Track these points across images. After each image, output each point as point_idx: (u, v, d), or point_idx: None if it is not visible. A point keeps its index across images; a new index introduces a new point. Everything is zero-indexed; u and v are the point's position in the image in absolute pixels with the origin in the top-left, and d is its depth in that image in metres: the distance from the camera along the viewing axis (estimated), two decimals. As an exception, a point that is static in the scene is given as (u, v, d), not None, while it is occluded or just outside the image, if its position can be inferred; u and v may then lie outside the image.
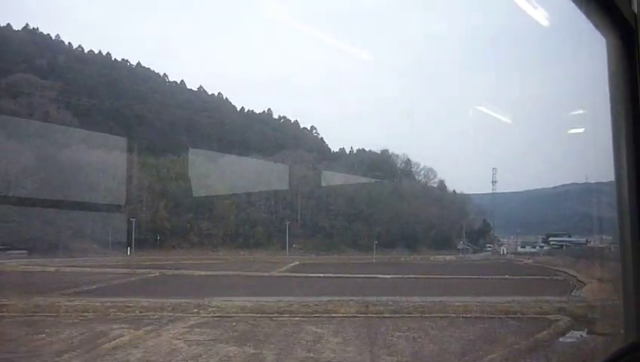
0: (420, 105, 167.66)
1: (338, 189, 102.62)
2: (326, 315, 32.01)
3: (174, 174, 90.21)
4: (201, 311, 32.54)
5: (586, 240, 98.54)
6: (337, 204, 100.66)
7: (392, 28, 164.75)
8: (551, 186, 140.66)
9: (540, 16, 6.47)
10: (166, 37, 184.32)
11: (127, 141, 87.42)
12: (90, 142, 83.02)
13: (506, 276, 65.88)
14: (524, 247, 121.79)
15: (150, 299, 35.27)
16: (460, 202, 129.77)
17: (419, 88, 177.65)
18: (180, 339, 24.67)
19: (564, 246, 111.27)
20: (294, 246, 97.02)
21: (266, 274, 65.44)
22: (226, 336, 25.54)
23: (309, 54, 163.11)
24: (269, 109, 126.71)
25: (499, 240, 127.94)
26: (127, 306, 32.60)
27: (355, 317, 31.86)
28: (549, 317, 32.71)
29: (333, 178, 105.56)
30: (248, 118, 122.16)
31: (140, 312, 31.61)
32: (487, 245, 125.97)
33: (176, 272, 62.92)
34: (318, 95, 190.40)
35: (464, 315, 32.70)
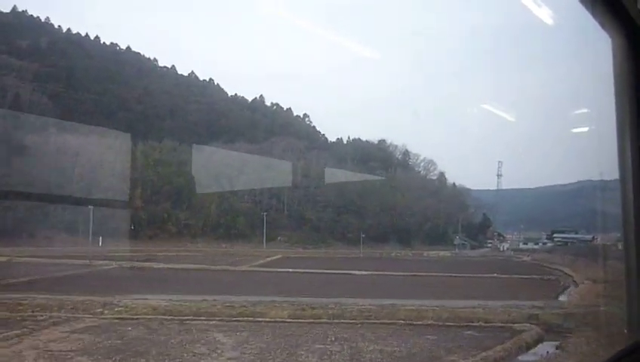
0: (426, 100, 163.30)
1: (328, 179, 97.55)
2: (248, 319, 27.29)
3: (152, 161, 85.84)
4: (105, 311, 28.02)
5: (593, 238, 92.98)
6: (326, 195, 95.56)
7: (395, 22, 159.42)
8: (563, 183, 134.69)
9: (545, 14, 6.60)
10: (161, 23, 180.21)
11: (104, 126, 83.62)
12: (62, 127, 78.92)
13: (495, 274, 60.75)
14: (527, 244, 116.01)
15: (57, 296, 30.79)
16: (459, 195, 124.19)
17: (424, 83, 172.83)
18: (37, 349, 19.98)
19: (569, 244, 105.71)
20: (280, 238, 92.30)
21: (234, 268, 60.99)
22: (98, 346, 20.87)
23: (310, 46, 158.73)
24: (261, 96, 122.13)
25: (501, 236, 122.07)
26: (20, 304, 28.12)
27: (283, 322, 27.05)
28: (515, 326, 27.61)
29: (323, 167, 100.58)
30: (239, 104, 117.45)
31: (32, 311, 27.08)
32: (488, 241, 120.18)
33: (137, 264, 58.71)
34: (318, 86, 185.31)
35: (414, 322, 27.73)
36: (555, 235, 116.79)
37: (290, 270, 58.08)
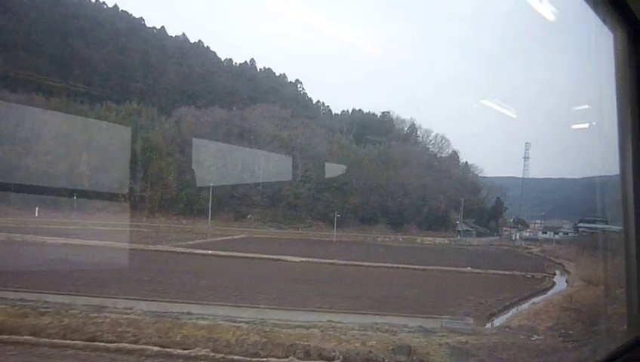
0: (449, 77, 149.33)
1: (311, 150, 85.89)
2: None
3: (106, 125, 76.04)
4: None
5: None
6: (308, 169, 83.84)
7: None
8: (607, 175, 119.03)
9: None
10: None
11: (52, 84, 74.84)
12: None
13: (468, 268, 48.66)
14: (546, 233, 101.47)
15: None
16: (471, 176, 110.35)
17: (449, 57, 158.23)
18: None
19: (594, 234, 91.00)
20: (250, 216, 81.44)
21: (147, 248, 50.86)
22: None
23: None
24: (251, 60, 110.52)
25: (520, 225, 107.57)
26: None
27: None
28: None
29: (310, 138, 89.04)
30: (224, 68, 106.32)
31: None
32: (504, 228, 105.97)
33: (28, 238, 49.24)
34: (324, 55, 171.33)
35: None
36: (580, 224, 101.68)
37: (223, 253, 47.88)
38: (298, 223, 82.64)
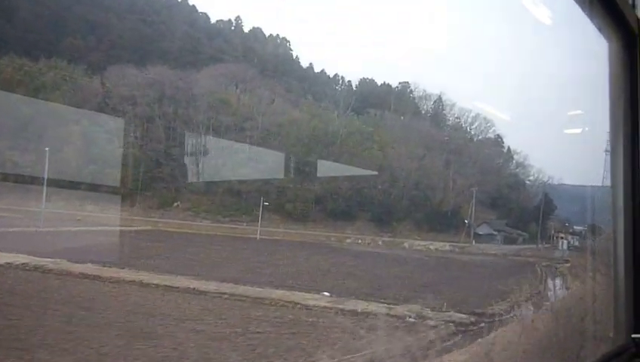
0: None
1: (270, 119, 65.02)
2: None
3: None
4: None
5: None
6: (261, 143, 62.85)
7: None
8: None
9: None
10: None
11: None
12: None
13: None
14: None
15: None
16: (514, 167, 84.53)
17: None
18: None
19: None
20: (177, 204, 61.97)
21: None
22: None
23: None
24: (237, 17, 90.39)
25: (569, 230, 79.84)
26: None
27: None
28: None
29: (274, 104, 68.33)
30: (204, 26, 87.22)
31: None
32: (555, 235, 78.94)
33: None
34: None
35: None
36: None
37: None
38: (243, 215, 61.98)
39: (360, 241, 58.95)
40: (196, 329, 18.28)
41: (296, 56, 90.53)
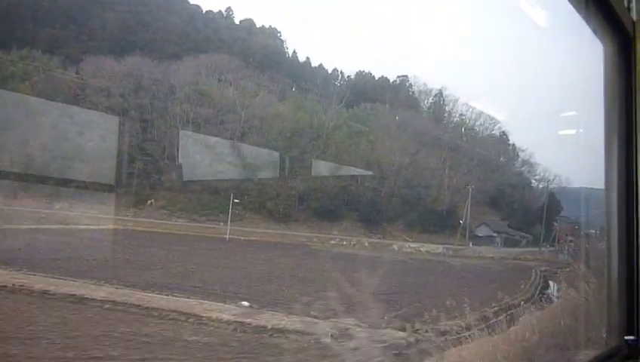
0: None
1: (253, 112, 60.98)
2: None
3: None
4: None
5: None
6: (243, 137, 58.82)
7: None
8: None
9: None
10: None
11: None
12: None
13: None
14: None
15: None
16: (519, 165, 79.48)
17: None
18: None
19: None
20: (150, 202, 58.30)
21: None
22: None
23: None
24: (228, 8, 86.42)
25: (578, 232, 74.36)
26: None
27: None
28: None
29: (259, 97, 64.33)
30: (189, 16, 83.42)
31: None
32: (562, 237, 73.74)
33: None
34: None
35: None
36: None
37: None
38: (220, 214, 58.01)
39: (345, 243, 54.62)
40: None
41: (288, 48, 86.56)
